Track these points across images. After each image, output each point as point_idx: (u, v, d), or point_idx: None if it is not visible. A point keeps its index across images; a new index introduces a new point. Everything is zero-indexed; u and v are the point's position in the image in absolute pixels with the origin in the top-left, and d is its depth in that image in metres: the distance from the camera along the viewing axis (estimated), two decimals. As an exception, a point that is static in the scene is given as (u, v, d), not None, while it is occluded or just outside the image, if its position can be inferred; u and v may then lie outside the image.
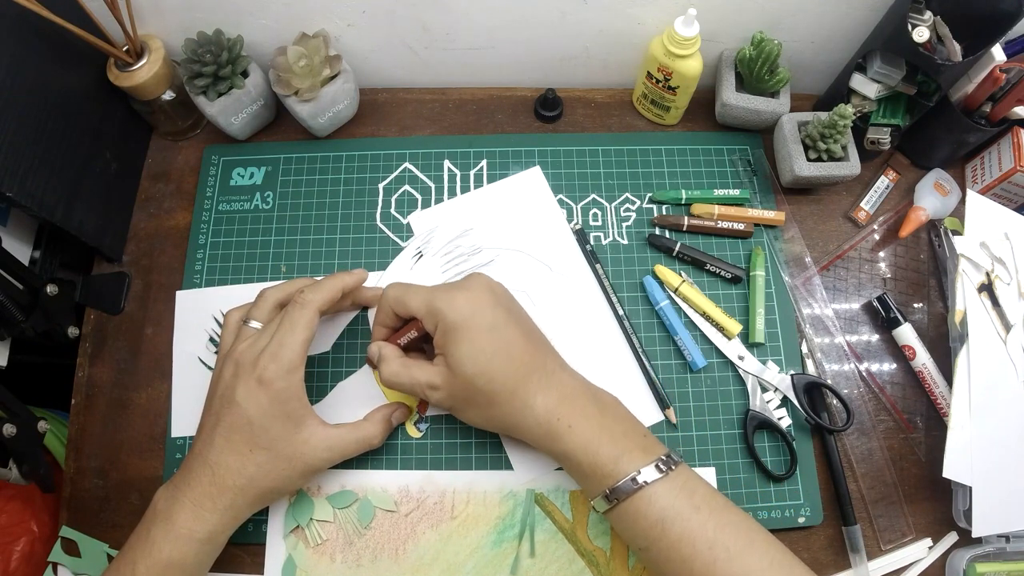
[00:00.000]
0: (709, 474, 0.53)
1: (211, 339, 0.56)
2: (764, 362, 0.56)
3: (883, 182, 0.63)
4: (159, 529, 0.43)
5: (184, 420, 0.54)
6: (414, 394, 0.49)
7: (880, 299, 0.58)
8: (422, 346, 0.52)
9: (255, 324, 0.49)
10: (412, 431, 0.54)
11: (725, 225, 0.59)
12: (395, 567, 0.50)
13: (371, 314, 0.57)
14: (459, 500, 0.52)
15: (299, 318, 0.46)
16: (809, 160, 0.58)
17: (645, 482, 0.42)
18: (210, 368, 0.55)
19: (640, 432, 0.46)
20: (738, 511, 0.43)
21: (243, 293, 0.56)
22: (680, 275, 0.57)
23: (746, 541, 0.41)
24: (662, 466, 0.42)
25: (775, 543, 0.42)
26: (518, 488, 0.52)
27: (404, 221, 0.60)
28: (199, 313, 0.57)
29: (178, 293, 0.58)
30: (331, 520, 0.51)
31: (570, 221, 0.60)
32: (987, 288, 0.55)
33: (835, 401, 0.55)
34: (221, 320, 0.54)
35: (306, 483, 0.51)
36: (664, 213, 0.61)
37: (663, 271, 0.58)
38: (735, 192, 0.60)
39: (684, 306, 0.57)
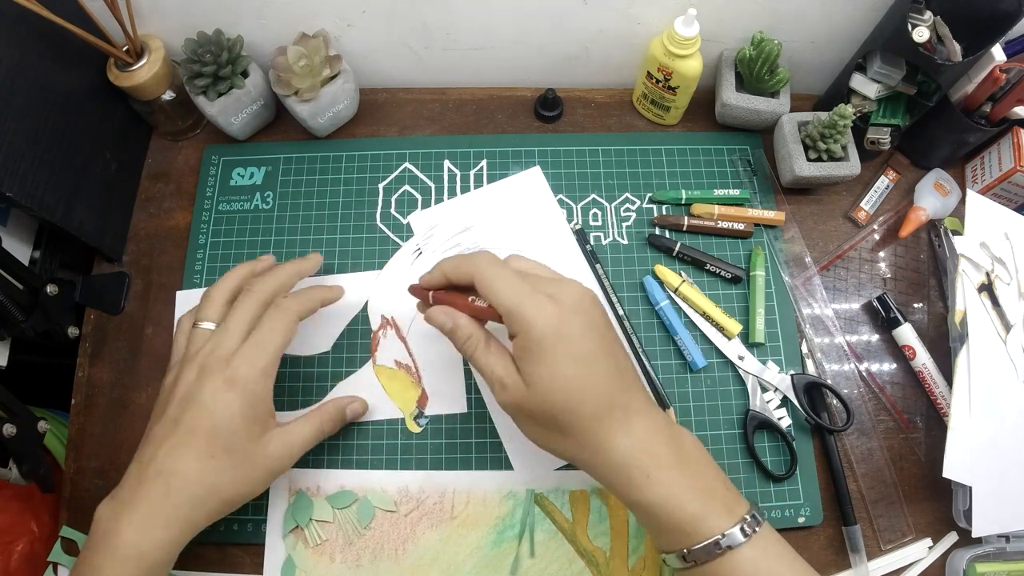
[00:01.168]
0: (709, 474, 0.53)
1: (211, 339, 0.56)
2: (764, 362, 0.56)
3: (883, 182, 0.63)
4: (104, 554, 0.40)
5: (184, 420, 0.54)
6: (482, 374, 0.44)
7: (880, 299, 0.58)
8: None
9: (207, 325, 0.47)
10: (412, 426, 0.54)
11: (725, 225, 0.59)
12: (395, 567, 0.50)
13: (371, 313, 0.57)
14: (459, 500, 0.52)
15: (280, 323, 0.46)
16: (809, 160, 0.58)
17: (729, 547, 0.38)
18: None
19: (723, 486, 0.41)
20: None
21: (243, 293, 0.56)
22: (680, 275, 0.57)
23: None
24: (747, 528, 0.39)
25: None
26: (518, 488, 0.52)
27: (404, 221, 0.60)
28: (199, 313, 0.57)
29: (178, 293, 0.58)
30: (331, 520, 0.51)
31: (570, 221, 0.60)
32: (987, 288, 0.55)
33: (835, 401, 0.55)
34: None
35: (265, 488, 0.47)
36: (664, 213, 0.61)
37: (663, 271, 0.58)
38: (735, 192, 0.60)
39: (684, 306, 0.57)
